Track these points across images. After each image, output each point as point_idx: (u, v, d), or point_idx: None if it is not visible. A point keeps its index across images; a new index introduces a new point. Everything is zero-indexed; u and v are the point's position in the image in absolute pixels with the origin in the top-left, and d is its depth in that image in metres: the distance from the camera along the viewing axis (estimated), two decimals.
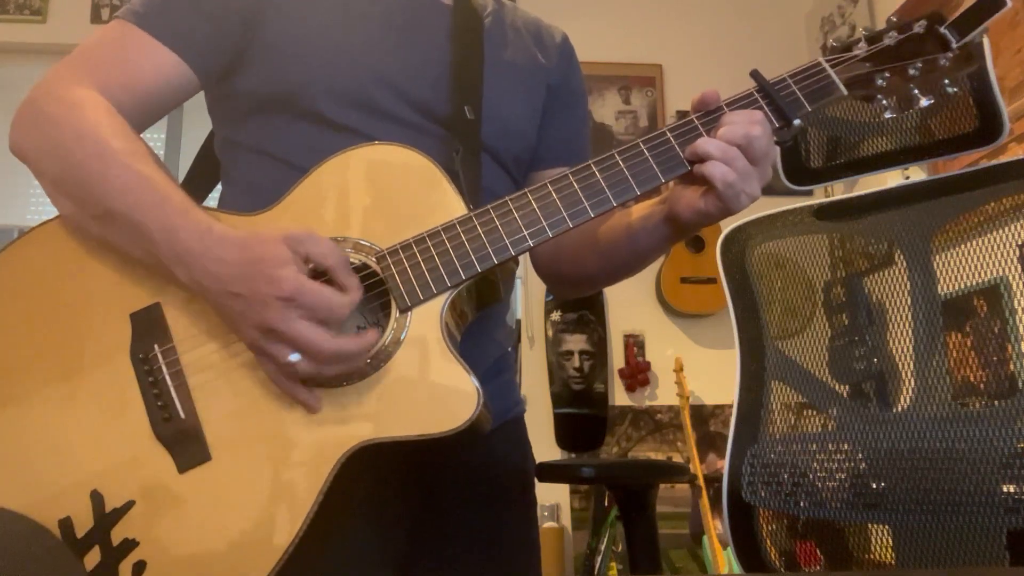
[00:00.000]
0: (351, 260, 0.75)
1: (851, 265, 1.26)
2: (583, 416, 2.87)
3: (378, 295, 0.76)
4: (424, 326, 0.75)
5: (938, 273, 1.13)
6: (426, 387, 0.73)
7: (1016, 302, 1.05)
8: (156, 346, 0.75)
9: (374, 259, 0.76)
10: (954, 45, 0.78)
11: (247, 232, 0.73)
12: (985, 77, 1.07)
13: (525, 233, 0.76)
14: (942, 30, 0.78)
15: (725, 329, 1.33)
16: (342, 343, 0.69)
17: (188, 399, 0.74)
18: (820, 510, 1.15)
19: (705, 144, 0.76)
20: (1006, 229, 1.06)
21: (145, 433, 0.73)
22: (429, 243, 0.76)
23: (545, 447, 2.80)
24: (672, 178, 0.78)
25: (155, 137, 3.07)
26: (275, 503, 0.71)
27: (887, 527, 1.11)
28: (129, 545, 0.70)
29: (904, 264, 1.16)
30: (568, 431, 2.85)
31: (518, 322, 3.06)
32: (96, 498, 0.71)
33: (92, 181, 0.75)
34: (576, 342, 2.95)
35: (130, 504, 0.71)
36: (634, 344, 3.00)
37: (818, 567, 1.19)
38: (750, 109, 0.78)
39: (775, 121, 0.78)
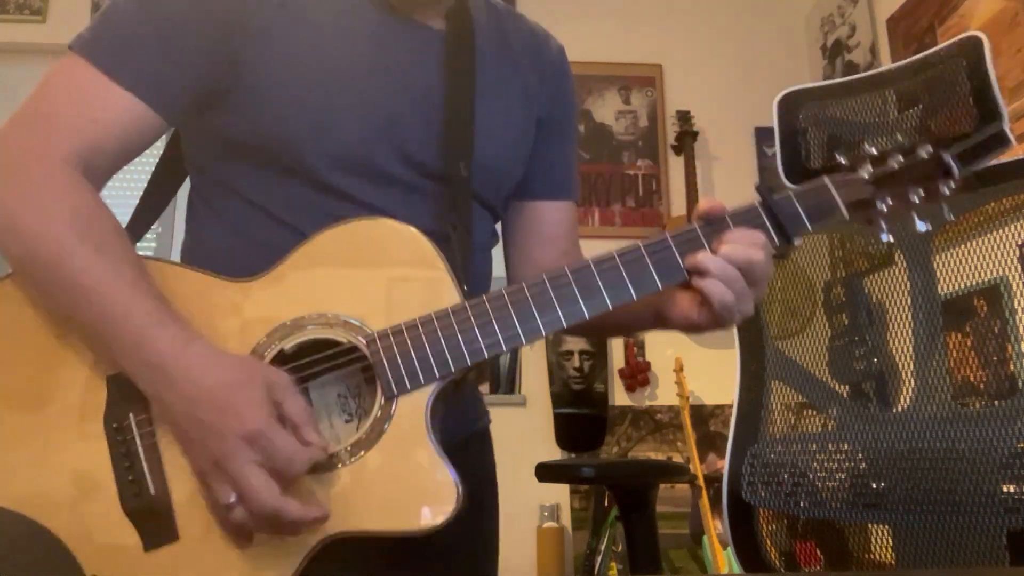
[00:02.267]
0: (340, 339, 0.74)
1: (851, 265, 1.26)
2: (583, 416, 2.87)
3: (365, 377, 0.75)
4: (409, 416, 0.73)
5: (938, 273, 1.13)
6: (405, 482, 0.71)
7: (1016, 302, 1.05)
8: (131, 415, 0.72)
9: (364, 341, 0.74)
10: (957, 175, 0.77)
11: (229, 356, 0.71)
12: (985, 77, 1.07)
13: (519, 330, 0.75)
14: (946, 158, 0.77)
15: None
16: (285, 503, 0.66)
17: (160, 474, 0.71)
18: (820, 510, 1.15)
19: (706, 260, 0.75)
20: (1006, 229, 1.06)
21: (113, 506, 0.70)
22: (421, 330, 0.74)
23: (545, 447, 2.80)
24: (669, 286, 0.78)
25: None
26: None
27: (887, 527, 1.11)
28: None
29: (904, 264, 1.16)
30: (568, 431, 2.85)
31: None
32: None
33: (53, 279, 0.71)
34: (576, 342, 2.95)
35: None
36: (634, 344, 3.00)
37: (818, 567, 1.19)
38: (753, 229, 0.77)
39: (776, 238, 0.77)
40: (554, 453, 2.83)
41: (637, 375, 2.93)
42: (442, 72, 0.88)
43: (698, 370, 2.86)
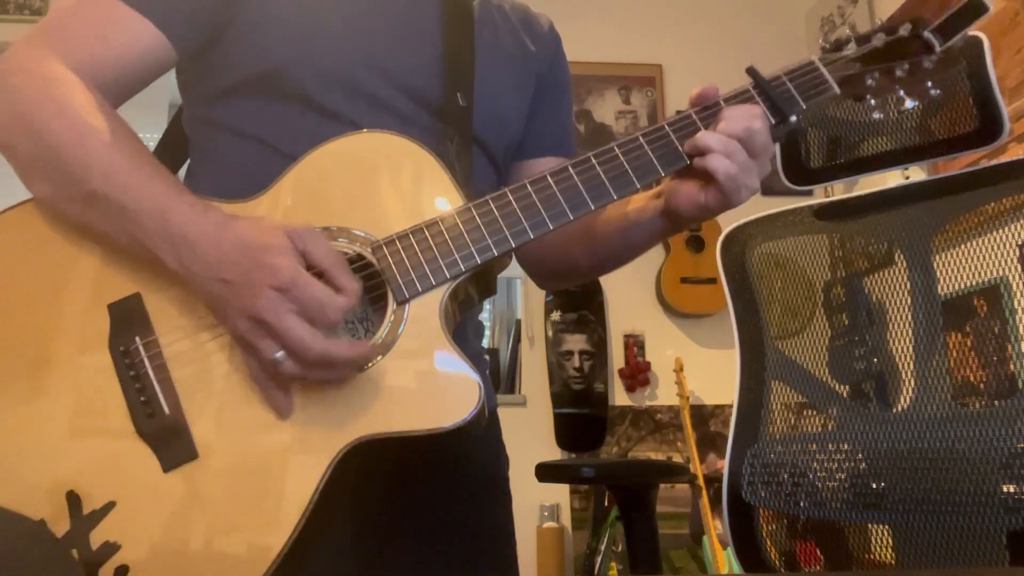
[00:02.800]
0: (345, 250, 0.73)
1: (851, 265, 1.26)
2: (583, 416, 2.87)
3: (373, 287, 0.74)
4: (422, 318, 0.72)
5: (938, 273, 1.13)
6: (426, 381, 0.71)
7: (1016, 302, 1.05)
8: (138, 339, 0.71)
9: (369, 249, 0.73)
10: (937, 48, 0.81)
11: (245, 218, 0.70)
12: (985, 77, 1.07)
13: (525, 225, 0.75)
14: (926, 34, 0.81)
15: (725, 329, 1.33)
16: (331, 345, 0.66)
17: (173, 394, 0.70)
18: (820, 510, 1.15)
19: (706, 137, 0.76)
20: (1006, 229, 1.06)
21: (126, 430, 0.69)
22: (427, 233, 0.74)
23: (545, 447, 2.80)
24: (671, 171, 0.79)
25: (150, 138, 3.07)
26: (266, 504, 0.67)
27: (887, 527, 1.11)
28: (110, 549, 0.66)
29: (904, 264, 1.16)
30: (568, 431, 2.85)
31: (518, 322, 3.06)
32: (73, 499, 0.67)
33: (72, 162, 0.71)
34: (576, 342, 2.95)
35: (111, 505, 0.67)
36: (634, 344, 3.00)
37: (818, 567, 1.19)
38: (749, 104, 0.79)
39: (771, 117, 0.79)
40: (554, 453, 2.83)
41: (637, 375, 2.94)
42: (441, 18, 0.90)
43: (698, 370, 2.86)
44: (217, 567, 0.66)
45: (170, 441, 0.69)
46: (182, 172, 0.95)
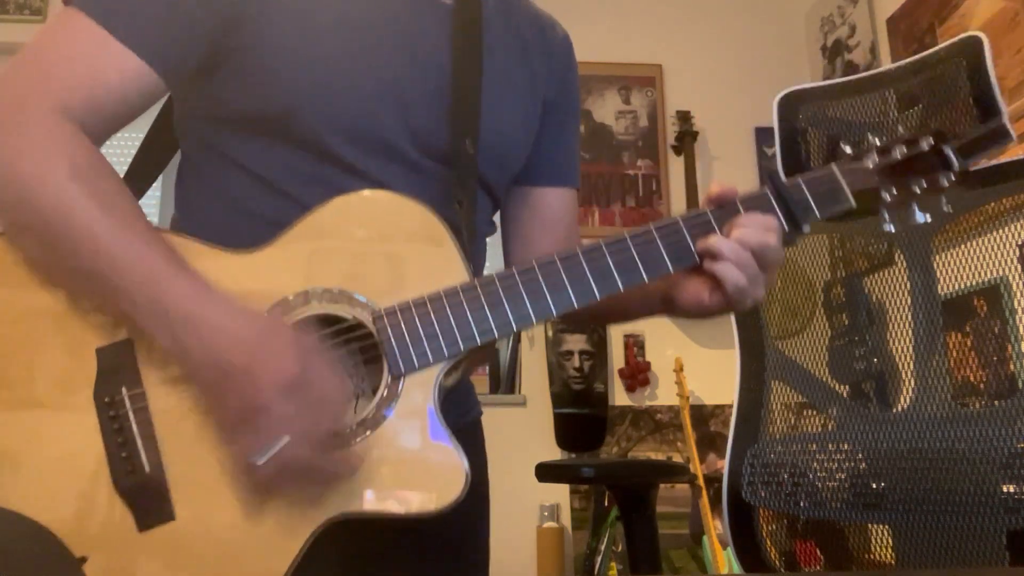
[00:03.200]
0: (344, 315, 0.72)
1: (851, 265, 1.26)
2: (583, 416, 2.87)
3: (369, 346, 0.73)
4: (416, 396, 0.71)
5: (938, 273, 1.13)
6: (412, 463, 0.70)
7: (1016, 302, 1.05)
8: (124, 389, 0.69)
9: (370, 318, 0.72)
10: (956, 168, 0.79)
11: (249, 310, 0.68)
12: (985, 77, 1.07)
13: (530, 310, 0.73)
14: (947, 151, 0.79)
15: (725, 329, 1.33)
16: (324, 456, 0.65)
17: (155, 451, 0.68)
18: (820, 510, 1.15)
19: (719, 243, 0.75)
20: (1006, 229, 1.06)
21: (105, 483, 0.67)
22: (429, 307, 0.72)
23: (545, 447, 2.80)
24: (680, 269, 0.78)
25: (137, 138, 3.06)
26: (241, 574, 0.66)
27: (887, 527, 1.11)
28: None
29: (904, 264, 1.16)
30: (568, 431, 2.85)
31: None
32: None
33: (58, 237, 0.67)
34: (576, 342, 2.95)
35: (83, 559, 0.65)
36: (634, 344, 3.00)
37: (818, 567, 1.19)
38: (765, 214, 0.77)
39: (785, 224, 0.78)
40: (554, 453, 2.83)
41: (637, 375, 2.93)
42: (449, 46, 0.87)
43: (698, 370, 2.86)
44: None
45: (148, 500, 0.67)
46: (171, 168, 0.92)
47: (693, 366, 2.85)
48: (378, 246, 0.75)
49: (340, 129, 0.79)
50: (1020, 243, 1.04)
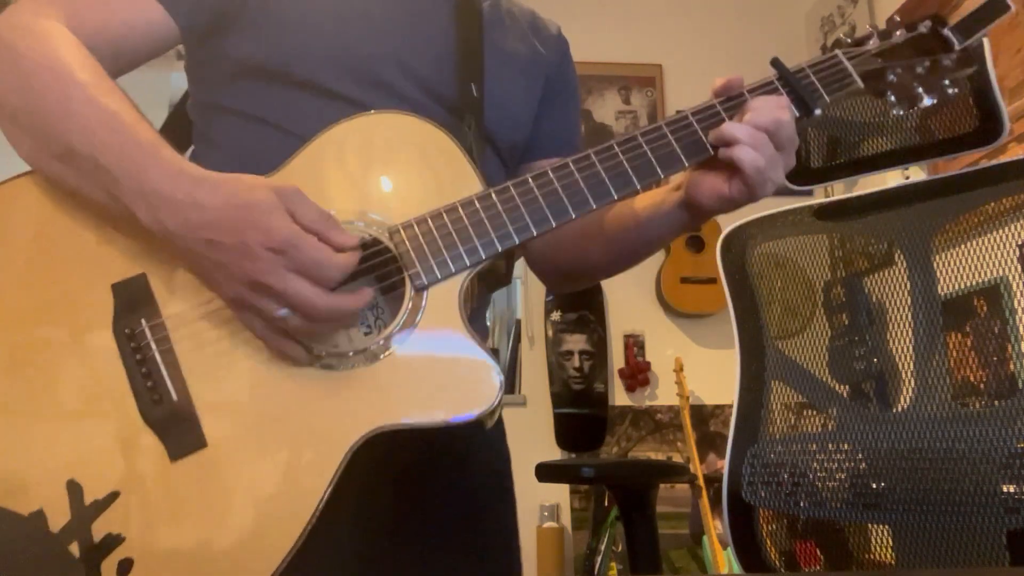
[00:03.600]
0: (361, 234, 0.70)
1: (851, 265, 1.26)
2: (583, 416, 2.87)
3: (386, 275, 0.72)
4: (442, 306, 0.69)
5: (938, 273, 1.13)
6: (446, 371, 0.68)
7: (1016, 302, 1.05)
8: (143, 321, 0.68)
9: (387, 234, 0.70)
10: (957, 47, 0.80)
11: (227, 176, 0.67)
12: (985, 77, 1.07)
13: (547, 213, 0.72)
14: (945, 32, 0.81)
15: (725, 329, 1.33)
16: (338, 301, 0.64)
17: (180, 379, 0.67)
18: (820, 510, 1.15)
19: (732, 128, 0.74)
20: (1006, 229, 1.06)
21: (132, 416, 0.66)
22: (446, 218, 0.71)
23: (545, 447, 2.80)
24: (695, 162, 0.77)
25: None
26: (278, 496, 0.64)
27: (887, 527, 1.11)
28: (113, 541, 0.63)
29: (904, 264, 1.16)
30: (568, 431, 2.85)
31: (518, 322, 3.06)
32: (73, 488, 0.64)
33: (53, 115, 0.68)
34: (576, 342, 2.95)
35: (114, 495, 0.64)
36: (634, 344, 3.00)
37: (818, 567, 1.19)
38: (775, 95, 0.78)
39: (795, 110, 0.78)
40: (554, 453, 2.83)
41: (637, 375, 2.93)
42: (453, 18, 0.89)
43: (698, 370, 2.86)
44: (224, 562, 0.63)
45: (178, 429, 0.66)
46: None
47: (693, 366, 2.85)
48: (386, 163, 0.74)
49: (342, 68, 0.81)
50: (1020, 243, 1.04)
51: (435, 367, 0.68)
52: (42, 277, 0.70)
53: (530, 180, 0.74)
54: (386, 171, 0.74)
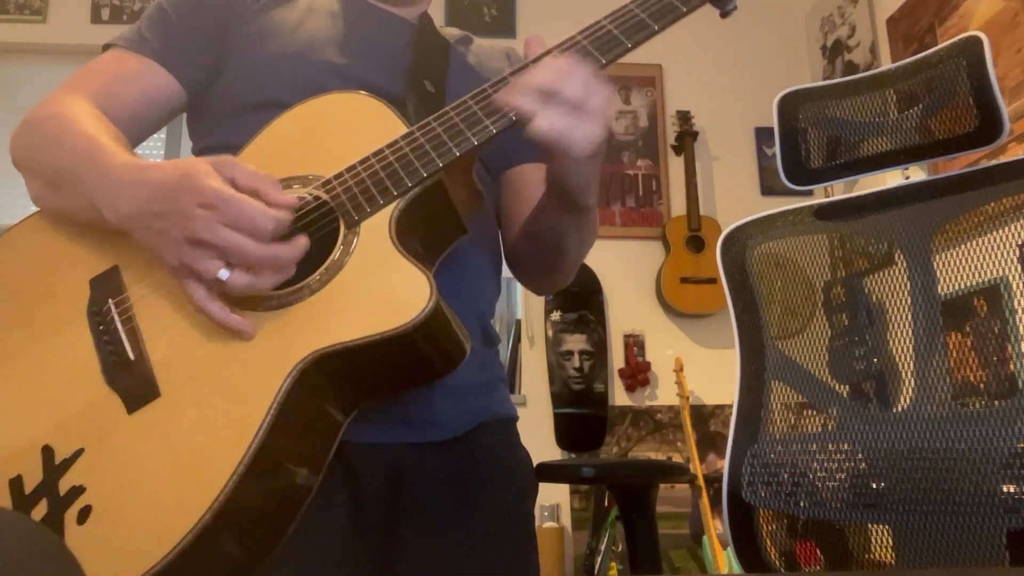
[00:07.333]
0: (301, 195, 0.75)
1: (851, 265, 1.26)
2: (583, 416, 2.87)
3: (327, 223, 0.76)
4: (373, 235, 0.74)
5: (938, 273, 1.13)
6: (376, 289, 0.71)
7: (1016, 302, 1.05)
8: (110, 300, 0.76)
9: (322, 188, 0.76)
10: None
11: (165, 161, 0.74)
12: (985, 77, 1.08)
13: (468, 134, 0.75)
14: None
15: (725, 329, 1.33)
16: (274, 248, 0.68)
17: (137, 341, 0.73)
18: (820, 510, 1.15)
19: (506, 96, 0.72)
20: (1006, 229, 1.06)
21: (97, 382, 0.72)
22: (373, 159, 0.76)
23: (545, 447, 2.80)
24: (502, 127, 0.76)
25: (156, 138, 3.07)
26: (222, 430, 0.68)
27: (887, 527, 1.11)
28: (75, 492, 0.68)
29: (904, 264, 1.16)
30: (568, 431, 2.85)
31: (518, 322, 3.06)
32: (47, 452, 0.70)
33: (50, 149, 0.81)
34: (576, 342, 2.95)
35: (79, 452, 0.69)
36: (634, 344, 3.00)
37: (818, 567, 1.19)
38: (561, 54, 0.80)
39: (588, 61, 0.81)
40: (554, 453, 2.83)
41: (637, 375, 2.94)
42: (412, 44, 0.97)
43: (698, 370, 2.86)
44: (170, 495, 0.66)
45: (135, 384, 0.71)
46: None
47: (693, 366, 2.85)
48: (322, 133, 0.81)
49: (300, 88, 0.86)
50: (1020, 243, 1.04)
51: (368, 288, 0.72)
52: (38, 291, 0.80)
53: (449, 110, 0.77)
54: (322, 139, 0.81)
